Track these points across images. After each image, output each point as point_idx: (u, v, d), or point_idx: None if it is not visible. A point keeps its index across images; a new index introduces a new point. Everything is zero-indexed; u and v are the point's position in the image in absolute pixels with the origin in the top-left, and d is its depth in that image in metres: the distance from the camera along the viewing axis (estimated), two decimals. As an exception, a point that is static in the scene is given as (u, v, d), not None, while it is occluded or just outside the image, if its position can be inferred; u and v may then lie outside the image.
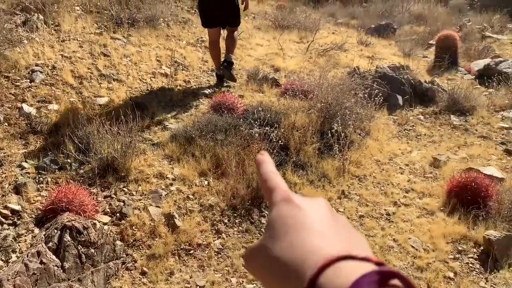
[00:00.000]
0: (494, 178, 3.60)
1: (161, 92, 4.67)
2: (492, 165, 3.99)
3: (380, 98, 4.64)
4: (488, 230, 3.03)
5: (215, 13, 4.67)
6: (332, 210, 0.40)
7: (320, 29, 8.94)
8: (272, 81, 5.47)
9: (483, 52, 8.12)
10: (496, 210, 3.24)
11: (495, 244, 2.83)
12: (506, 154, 4.29)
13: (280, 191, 0.41)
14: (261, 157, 0.48)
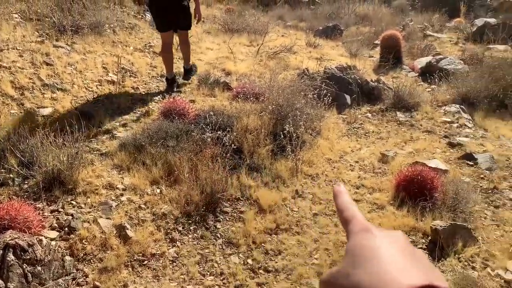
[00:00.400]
0: (438, 170, 3.77)
1: (108, 100, 4.55)
2: (437, 157, 4.18)
3: (329, 98, 4.74)
4: (435, 220, 3.16)
5: (168, 17, 4.71)
6: (409, 243, 0.41)
7: (270, 32, 9.03)
8: (224, 85, 5.46)
9: (425, 50, 8.51)
10: (441, 200, 3.38)
11: (441, 233, 2.96)
12: (449, 146, 4.50)
13: (357, 221, 0.44)
14: (337, 188, 0.50)
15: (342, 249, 2.91)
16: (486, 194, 3.69)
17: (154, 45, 6.38)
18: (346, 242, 0.43)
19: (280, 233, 3.04)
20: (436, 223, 3.07)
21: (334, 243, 2.96)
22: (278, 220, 3.14)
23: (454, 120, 5.11)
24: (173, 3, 4.64)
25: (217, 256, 2.78)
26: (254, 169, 3.73)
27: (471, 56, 7.56)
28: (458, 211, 3.30)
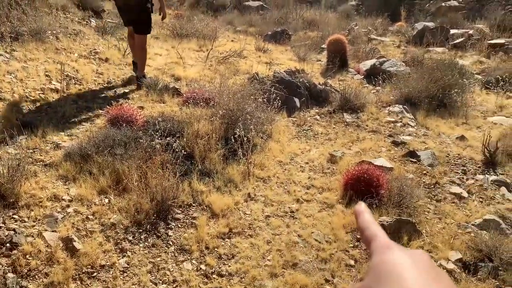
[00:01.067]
0: (384, 168, 3.92)
1: (52, 109, 4.38)
2: (382, 156, 4.35)
3: (278, 102, 4.82)
4: (382, 216, 3.29)
5: (123, 16, 5.24)
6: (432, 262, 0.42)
7: (219, 37, 9.06)
8: (173, 91, 5.41)
9: (369, 54, 8.83)
10: (387, 197, 3.52)
11: (387, 228, 3.08)
12: (393, 145, 4.70)
13: (380, 239, 0.45)
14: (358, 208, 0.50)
15: (294, 249, 2.97)
16: (429, 189, 3.88)
17: (100, 51, 6.22)
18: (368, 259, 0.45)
19: (233, 237, 3.05)
20: (382, 219, 3.19)
21: (286, 244, 3.01)
22: (231, 224, 3.15)
23: (398, 120, 5.34)
24: (127, 5, 4.97)
25: (169, 264, 2.75)
26: (206, 174, 3.73)
27: (412, 58, 7.93)
28: (403, 207, 3.45)
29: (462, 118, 5.66)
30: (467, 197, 3.78)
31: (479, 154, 4.49)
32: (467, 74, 6.54)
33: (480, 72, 7.86)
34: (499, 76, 6.66)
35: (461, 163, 4.38)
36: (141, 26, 5.07)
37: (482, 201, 3.75)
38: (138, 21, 5.05)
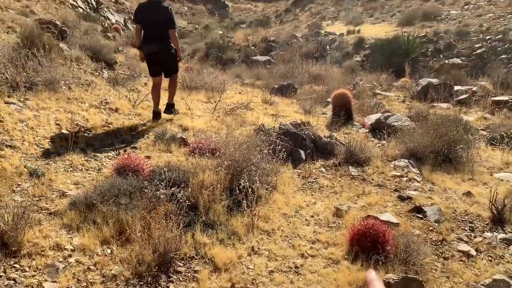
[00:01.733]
0: (390, 224, 3.87)
1: (60, 157, 4.44)
2: (388, 211, 4.30)
3: (284, 153, 4.85)
4: (388, 273, 3.20)
5: (154, 67, 6.00)
6: None
7: (227, 89, 9.29)
8: (180, 141, 5.48)
9: (374, 108, 8.96)
10: (393, 253, 3.45)
11: (394, 287, 3.00)
12: (399, 200, 4.66)
13: None
14: (369, 276, 0.52)
15: (298, 307, 2.88)
16: (436, 246, 3.80)
17: (111, 101, 6.38)
18: None
19: (235, 292, 2.97)
20: (388, 276, 3.11)
21: (290, 301, 2.92)
22: (234, 279, 3.08)
23: (404, 174, 5.33)
24: (162, 54, 5.83)
25: (169, 319, 2.67)
26: (209, 226, 3.69)
27: (417, 113, 8.04)
28: (410, 264, 3.38)
29: (468, 174, 5.64)
30: (475, 255, 3.70)
31: (486, 211, 4.44)
32: (472, 130, 6.60)
33: (485, 128, 7.92)
34: (503, 133, 6.70)
35: (469, 219, 4.32)
36: (173, 69, 6.16)
37: (491, 260, 3.66)
38: (170, 66, 6.09)
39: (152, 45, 5.74)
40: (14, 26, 8.39)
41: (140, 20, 5.84)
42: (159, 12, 5.73)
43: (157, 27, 5.73)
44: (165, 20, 5.74)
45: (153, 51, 5.78)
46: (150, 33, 5.78)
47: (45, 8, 12.75)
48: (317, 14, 33.24)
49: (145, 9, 5.83)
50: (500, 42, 15.51)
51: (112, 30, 14.64)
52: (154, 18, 5.71)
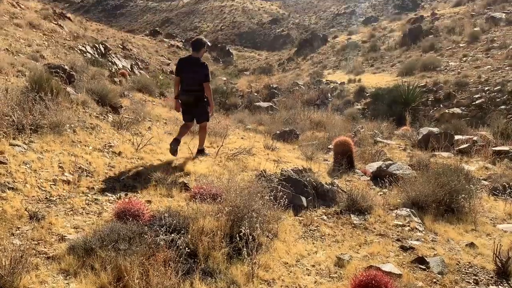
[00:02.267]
0: (392, 275, 3.80)
1: (61, 200, 4.44)
2: (390, 261, 4.23)
3: (285, 200, 4.84)
4: (391, 328, 3.11)
5: (188, 114, 6.84)
6: None
7: (230, 134, 9.38)
8: (182, 185, 5.49)
9: (376, 156, 9.01)
10: (396, 306, 3.37)
11: None
12: (401, 250, 4.59)
13: None
14: None
15: None
16: (440, 299, 3.71)
17: (114, 145, 6.45)
18: None
19: None
20: (392, 331, 3.02)
21: None
22: (232, 329, 2.99)
23: (406, 224, 5.29)
24: (195, 103, 6.63)
25: None
26: (208, 274, 3.63)
27: (418, 162, 8.06)
28: (414, 318, 3.28)
29: (471, 224, 5.58)
30: (481, 309, 3.60)
31: (490, 263, 4.36)
32: (474, 180, 6.59)
33: (486, 178, 7.92)
34: (505, 183, 6.69)
35: (473, 272, 4.24)
36: (204, 117, 6.87)
37: (497, 315, 3.56)
38: (201, 114, 6.80)
39: (188, 95, 6.58)
40: (23, 70, 8.63)
41: (180, 73, 6.66)
42: (196, 67, 6.54)
43: (194, 80, 6.54)
44: (201, 74, 6.52)
45: (188, 100, 6.62)
46: (187, 85, 6.60)
47: (54, 53, 13.15)
48: (318, 63, 34.12)
49: (185, 64, 6.68)
50: (499, 93, 15.79)
51: (118, 75, 14.98)
52: (192, 72, 6.53)
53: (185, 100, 6.68)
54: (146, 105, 10.84)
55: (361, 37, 37.27)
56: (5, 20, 14.59)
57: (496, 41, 21.66)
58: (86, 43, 19.35)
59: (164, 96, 15.81)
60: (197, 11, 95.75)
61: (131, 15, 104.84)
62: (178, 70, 6.72)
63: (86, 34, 22.76)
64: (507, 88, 15.77)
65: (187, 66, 6.63)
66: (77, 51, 16.50)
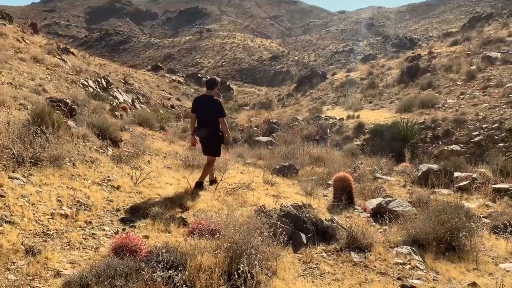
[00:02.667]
0: (394, 315, 3.71)
1: (58, 234, 4.39)
2: (392, 301, 4.14)
3: (285, 237, 4.79)
4: None
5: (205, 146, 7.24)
6: None
7: (229, 169, 9.37)
8: (180, 220, 5.44)
9: (375, 192, 8.97)
10: None
11: None
12: (402, 289, 4.51)
13: None
14: None
15: None
16: None
17: (113, 179, 6.44)
18: None
19: None
20: None
21: None
22: None
23: (406, 262, 5.21)
24: (208, 138, 6.99)
25: None
26: (206, 313, 3.55)
27: (418, 199, 8.02)
28: None
29: (473, 263, 5.50)
30: None
31: (494, 304, 4.27)
32: (474, 217, 6.54)
33: (487, 216, 7.86)
34: (506, 222, 6.64)
35: (476, 313, 4.14)
36: (214, 151, 7.23)
37: None
38: (211, 148, 7.16)
39: (202, 130, 7.00)
40: (26, 103, 8.72)
41: (196, 110, 7.11)
42: (211, 104, 6.95)
43: (208, 116, 6.97)
44: (215, 110, 6.93)
45: (202, 135, 7.03)
46: (202, 120, 7.05)
47: (57, 87, 13.33)
48: (317, 99, 34.54)
49: (200, 102, 7.14)
50: (497, 131, 15.91)
51: (119, 109, 15.14)
52: (207, 109, 6.97)
53: (200, 135, 7.09)
54: (146, 139, 10.90)
55: (360, 74, 37.90)
56: (10, 54, 14.89)
57: (493, 79, 22.02)
58: (89, 77, 19.65)
59: (164, 130, 15.92)
60: (198, 47, 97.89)
61: (133, 50, 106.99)
62: (194, 107, 7.15)
63: (88, 69, 23.16)
64: (505, 126, 15.90)
65: (203, 104, 7.06)
66: (80, 85, 16.73)
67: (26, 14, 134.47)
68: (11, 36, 17.68)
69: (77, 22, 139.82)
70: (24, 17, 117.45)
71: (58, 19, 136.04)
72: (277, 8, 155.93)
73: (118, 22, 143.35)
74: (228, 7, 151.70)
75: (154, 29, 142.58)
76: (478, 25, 41.22)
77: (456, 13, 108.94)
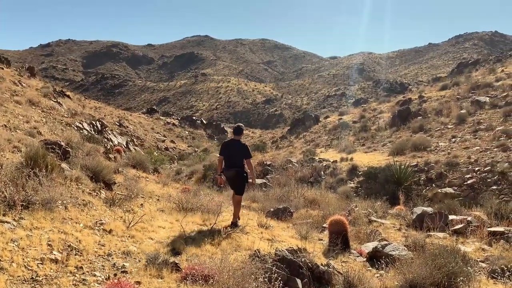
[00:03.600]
0: None
1: (47, 281, 4.26)
2: None
3: (280, 282, 4.69)
4: None
5: (232, 185, 8.13)
6: None
7: (223, 211, 9.28)
8: (173, 265, 5.32)
9: (371, 235, 8.89)
10: None
11: None
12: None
13: None
14: None
15: None
16: None
17: (105, 222, 6.35)
18: None
19: None
20: None
21: None
22: None
23: (405, 308, 5.09)
24: (235, 177, 7.83)
25: None
26: None
27: (414, 242, 7.94)
28: None
29: (472, 309, 5.38)
30: None
31: None
32: (471, 261, 6.46)
33: (484, 260, 7.77)
34: (504, 266, 6.56)
35: None
36: (239, 190, 8.00)
37: None
38: (240, 187, 7.96)
39: (230, 171, 7.77)
40: (20, 146, 8.72)
41: (224, 153, 7.89)
42: (238, 147, 7.85)
43: (236, 158, 7.79)
44: (244, 152, 7.82)
45: (230, 175, 7.81)
46: (230, 162, 7.82)
47: (51, 130, 13.38)
48: (311, 141, 34.82)
49: (228, 145, 7.96)
50: (489, 174, 16.02)
51: (114, 151, 15.14)
52: (234, 152, 7.79)
53: (229, 175, 7.87)
54: (140, 181, 10.84)
55: (352, 118, 38.46)
56: (6, 97, 15.03)
57: (483, 123, 22.42)
58: (84, 120, 19.79)
59: (158, 172, 15.87)
60: (193, 91, 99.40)
61: (129, 94, 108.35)
62: (223, 150, 7.97)
63: (84, 112, 23.36)
64: (497, 168, 16.03)
65: (231, 147, 7.91)
66: (74, 128, 16.81)
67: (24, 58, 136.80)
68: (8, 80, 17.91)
69: (74, 66, 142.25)
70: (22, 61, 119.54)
71: (55, 63, 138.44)
72: (271, 53, 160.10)
73: (114, 66, 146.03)
74: (223, 53, 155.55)
75: (150, 73, 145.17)
76: (466, 70, 42.47)
77: (444, 59, 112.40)
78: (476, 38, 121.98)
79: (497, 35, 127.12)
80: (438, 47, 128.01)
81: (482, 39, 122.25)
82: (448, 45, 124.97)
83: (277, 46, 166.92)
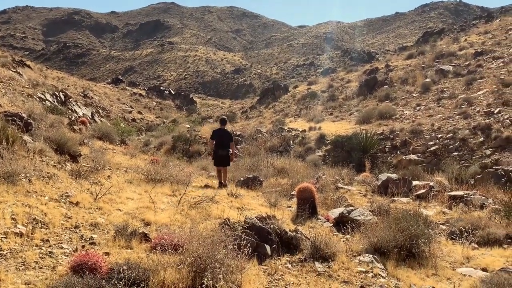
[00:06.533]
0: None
1: (12, 254, 4.19)
2: (355, 309, 4.20)
3: (249, 249, 4.77)
4: None
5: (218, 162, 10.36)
6: None
7: (193, 182, 9.28)
8: (142, 236, 5.31)
9: (338, 202, 9.13)
10: None
11: None
12: (365, 297, 4.58)
13: None
14: None
15: None
16: None
17: (72, 195, 6.23)
18: None
19: None
20: None
21: None
22: None
23: (369, 270, 5.31)
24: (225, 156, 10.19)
25: None
26: (169, 329, 3.47)
27: (379, 207, 8.21)
28: None
29: (432, 269, 5.67)
30: None
31: (452, 308, 4.41)
32: (432, 224, 6.76)
33: (444, 222, 8.15)
34: (462, 227, 6.90)
35: (436, 317, 4.26)
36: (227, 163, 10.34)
37: None
38: (227, 162, 10.31)
39: (224, 151, 10.21)
40: (-23, 119, 8.34)
41: (214, 138, 10.38)
42: (225, 134, 10.48)
43: (224, 141, 10.29)
44: (228, 138, 10.43)
45: (223, 154, 10.18)
46: (222, 145, 10.26)
47: (12, 101, 12.85)
48: (280, 111, 34.93)
49: (218, 133, 10.43)
50: (451, 140, 16.60)
51: (78, 123, 14.73)
52: (223, 137, 10.35)
53: (221, 153, 10.21)
54: (106, 153, 10.64)
55: (320, 87, 38.71)
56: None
57: (446, 91, 23.05)
58: (46, 91, 19.07)
59: (125, 144, 15.60)
60: (160, 60, 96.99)
61: (93, 63, 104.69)
62: (214, 136, 10.46)
63: (46, 82, 22.49)
64: (458, 135, 16.62)
65: (220, 134, 10.44)
66: (36, 99, 16.20)
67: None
68: (-39, 48, 16.93)
69: (34, 34, 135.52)
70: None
71: (13, 31, 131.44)
72: (239, 22, 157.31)
73: (77, 34, 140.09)
74: (190, 21, 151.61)
75: (114, 42, 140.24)
76: (431, 39, 43.11)
77: (411, 28, 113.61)
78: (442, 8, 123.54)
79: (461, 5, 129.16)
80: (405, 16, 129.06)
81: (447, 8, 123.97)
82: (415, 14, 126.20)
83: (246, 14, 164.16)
